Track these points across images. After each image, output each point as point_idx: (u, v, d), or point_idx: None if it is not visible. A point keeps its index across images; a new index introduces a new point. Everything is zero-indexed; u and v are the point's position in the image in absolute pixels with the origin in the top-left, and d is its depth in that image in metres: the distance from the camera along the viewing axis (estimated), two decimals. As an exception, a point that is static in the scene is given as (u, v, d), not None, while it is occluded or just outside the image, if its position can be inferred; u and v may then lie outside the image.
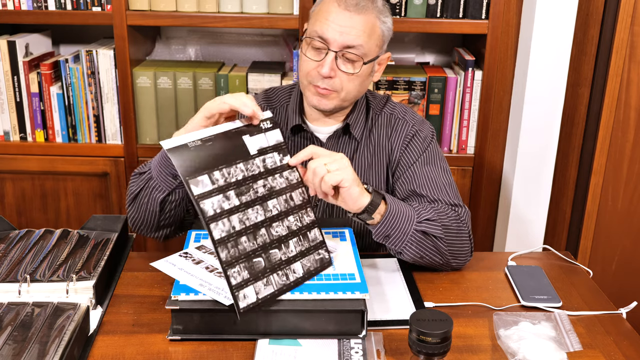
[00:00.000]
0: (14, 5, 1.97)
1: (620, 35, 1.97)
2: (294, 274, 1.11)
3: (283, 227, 1.14)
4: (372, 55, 1.34)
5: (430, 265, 1.30)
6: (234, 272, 1.05)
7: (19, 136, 2.08)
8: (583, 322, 1.16)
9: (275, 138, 1.20)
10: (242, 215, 1.10)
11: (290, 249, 1.14)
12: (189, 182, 1.06)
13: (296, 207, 1.17)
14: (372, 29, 1.33)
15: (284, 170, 1.18)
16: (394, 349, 1.06)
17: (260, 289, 1.06)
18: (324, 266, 1.16)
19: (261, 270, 1.08)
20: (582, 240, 2.20)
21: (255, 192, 1.13)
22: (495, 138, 2.08)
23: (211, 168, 1.09)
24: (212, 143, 1.12)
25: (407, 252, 1.26)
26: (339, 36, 1.29)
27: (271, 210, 1.14)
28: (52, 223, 2.15)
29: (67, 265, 1.20)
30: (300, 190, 1.19)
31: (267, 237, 1.12)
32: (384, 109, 1.47)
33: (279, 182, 1.16)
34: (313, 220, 1.19)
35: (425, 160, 1.41)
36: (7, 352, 0.95)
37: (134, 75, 2.00)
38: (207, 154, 1.10)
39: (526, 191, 2.04)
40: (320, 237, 1.19)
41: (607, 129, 2.07)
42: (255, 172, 1.14)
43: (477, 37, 2.02)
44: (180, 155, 1.08)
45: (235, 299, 1.03)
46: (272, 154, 1.18)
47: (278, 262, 1.11)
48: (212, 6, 1.96)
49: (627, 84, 2.02)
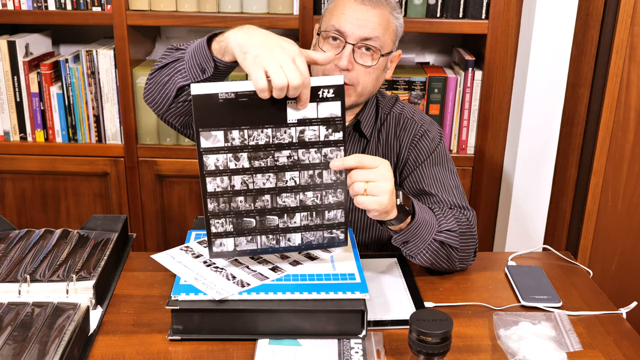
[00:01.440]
0: (14, 5, 1.97)
1: (620, 35, 1.97)
2: (287, 242, 1.11)
3: (294, 199, 1.10)
4: (387, 49, 1.36)
5: (436, 269, 1.30)
6: (217, 222, 1.04)
7: (19, 136, 2.08)
8: (583, 322, 1.16)
9: (330, 110, 1.07)
10: (248, 177, 1.06)
11: (293, 220, 1.11)
12: (200, 133, 1.02)
13: (322, 185, 1.11)
14: (387, 23, 1.35)
15: (325, 146, 1.09)
16: (394, 349, 1.06)
17: (240, 242, 1.06)
18: (333, 244, 1.15)
19: (249, 229, 1.07)
20: (582, 240, 2.20)
21: (274, 160, 1.07)
22: (495, 138, 2.08)
23: (231, 126, 1.03)
24: (247, 100, 1.03)
25: (420, 258, 1.25)
26: (356, 29, 1.31)
27: (286, 181, 1.09)
28: (52, 223, 2.15)
29: (67, 265, 1.20)
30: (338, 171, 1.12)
31: (270, 204, 1.09)
32: (392, 108, 1.48)
33: (312, 156, 1.09)
34: (340, 202, 1.13)
35: (433, 161, 1.41)
36: (7, 352, 0.95)
37: (134, 75, 2.00)
38: (234, 110, 1.03)
39: (526, 191, 2.04)
40: (341, 219, 1.14)
41: (607, 129, 2.07)
42: (284, 142, 1.07)
43: (477, 37, 2.02)
44: (204, 104, 1.01)
45: (210, 244, 1.04)
46: (316, 127, 1.08)
47: (272, 228, 1.09)
48: (212, 6, 1.96)
49: (627, 84, 2.02)
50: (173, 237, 2.18)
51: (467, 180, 2.10)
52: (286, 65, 1.03)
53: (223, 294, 1.04)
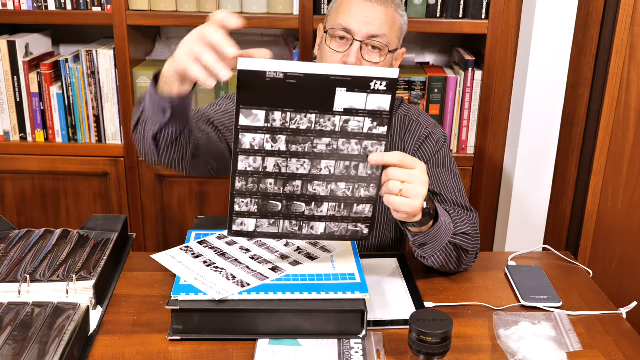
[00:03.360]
0: (14, 5, 1.97)
1: (620, 35, 1.97)
2: (310, 230, 1.09)
3: (325, 189, 1.08)
4: (394, 46, 1.37)
5: (443, 270, 1.29)
6: (242, 202, 1.01)
7: (19, 136, 2.08)
8: (583, 322, 1.16)
9: (378, 103, 1.03)
10: (283, 161, 1.04)
11: (320, 209, 1.09)
12: (240, 110, 0.99)
13: (356, 177, 1.07)
14: (393, 21, 1.36)
15: (367, 139, 1.05)
16: (394, 349, 1.06)
17: (262, 224, 1.03)
18: (354, 237, 1.13)
19: (273, 213, 1.05)
20: (582, 240, 2.20)
21: (313, 147, 1.04)
22: (495, 138, 2.08)
23: (274, 106, 1.00)
24: (296, 82, 0.98)
25: (434, 259, 1.24)
26: (363, 26, 1.32)
27: (320, 169, 1.06)
28: (52, 223, 2.15)
29: (67, 265, 1.20)
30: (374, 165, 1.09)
31: (300, 190, 1.07)
32: (398, 110, 1.49)
33: (352, 148, 1.05)
34: (370, 197, 1.09)
35: (437, 162, 1.42)
36: (7, 352, 0.95)
37: (134, 75, 2.00)
38: (280, 91, 0.98)
39: (526, 191, 2.04)
40: (368, 214, 1.11)
41: (607, 129, 2.07)
42: (327, 129, 1.03)
43: (477, 37, 2.02)
44: (249, 80, 0.97)
45: (231, 222, 1.01)
46: (361, 119, 1.03)
47: (297, 214, 1.07)
48: (212, 6, 1.96)
49: (627, 84, 2.02)
50: (173, 237, 2.19)
51: (467, 180, 2.10)
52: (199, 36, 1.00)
53: (223, 294, 1.04)
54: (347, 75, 1.00)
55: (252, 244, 1.23)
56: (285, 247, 1.22)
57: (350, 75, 1.00)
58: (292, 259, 1.18)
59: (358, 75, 1.00)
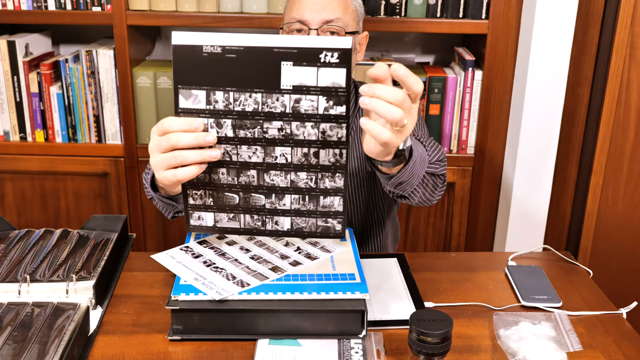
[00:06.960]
0: (14, 5, 1.97)
1: (620, 35, 1.97)
2: (275, 225, 1.02)
3: (284, 179, 0.99)
4: (351, 28, 1.39)
5: (420, 203, 1.25)
6: (196, 193, 0.95)
7: (19, 136, 2.08)
8: (583, 322, 1.16)
9: (332, 79, 0.91)
10: (232, 148, 0.96)
11: (282, 202, 1.01)
12: (179, 90, 0.92)
13: (318, 166, 0.98)
14: (346, 4, 1.38)
15: (324, 121, 0.94)
16: (394, 349, 1.06)
17: (221, 219, 0.97)
18: (328, 235, 1.07)
19: (231, 206, 0.98)
20: (582, 240, 2.20)
21: (263, 132, 0.95)
22: (496, 138, 2.08)
23: (215, 85, 0.91)
24: (236, 57, 0.90)
25: (413, 196, 1.19)
26: (316, 14, 1.34)
27: (275, 157, 0.97)
28: (52, 223, 2.15)
29: (67, 265, 1.20)
30: (337, 151, 0.98)
31: (255, 181, 0.99)
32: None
33: (308, 132, 0.95)
34: (338, 189, 1.00)
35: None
36: (7, 352, 0.95)
37: (134, 75, 2.00)
38: (219, 67, 0.90)
39: (526, 191, 2.05)
40: (338, 208, 1.03)
41: (607, 129, 2.07)
42: (276, 111, 0.93)
43: (477, 37, 2.02)
44: (186, 56, 0.90)
45: (188, 216, 0.98)
46: (314, 97, 0.92)
47: (259, 208, 1.01)
48: (212, 6, 1.96)
49: (627, 84, 2.02)
50: (173, 237, 2.19)
51: (467, 180, 2.10)
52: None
53: (223, 294, 1.04)
54: (291, 47, 0.89)
55: (252, 244, 1.23)
56: (285, 247, 1.22)
57: (295, 47, 0.89)
58: (292, 259, 1.18)
59: (304, 46, 0.89)
